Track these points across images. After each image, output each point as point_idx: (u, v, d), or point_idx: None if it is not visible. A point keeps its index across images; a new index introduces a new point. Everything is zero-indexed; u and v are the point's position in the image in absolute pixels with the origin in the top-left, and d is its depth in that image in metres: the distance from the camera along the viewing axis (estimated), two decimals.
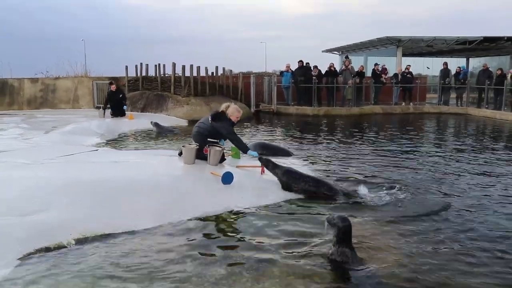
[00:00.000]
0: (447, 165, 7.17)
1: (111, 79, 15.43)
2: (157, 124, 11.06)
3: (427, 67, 23.78)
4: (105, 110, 12.67)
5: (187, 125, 12.82)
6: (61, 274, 3.17)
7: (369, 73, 18.41)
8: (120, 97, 12.71)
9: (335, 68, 17.19)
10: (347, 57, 18.07)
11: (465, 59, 24.37)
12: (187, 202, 4.56)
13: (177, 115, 13.83)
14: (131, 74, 16.38)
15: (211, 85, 15.74)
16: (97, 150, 7.51)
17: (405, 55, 20.78)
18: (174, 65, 14.97)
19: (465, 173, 6.59)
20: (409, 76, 17.61)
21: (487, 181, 6.13)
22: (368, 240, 3.86)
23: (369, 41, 20.17)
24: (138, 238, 3.83)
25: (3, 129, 10.27)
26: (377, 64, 17.74)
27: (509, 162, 7.48)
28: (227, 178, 5.01)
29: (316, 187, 5.19)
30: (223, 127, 5.77)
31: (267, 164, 5.46)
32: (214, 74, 16.77)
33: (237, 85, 17.04)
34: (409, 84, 17.60)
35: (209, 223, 4.26)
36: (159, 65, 15.80)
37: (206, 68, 15.91)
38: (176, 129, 11.49)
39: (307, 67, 16.85)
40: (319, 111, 16.17)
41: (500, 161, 7.54)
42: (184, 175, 5.43)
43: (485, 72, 16.66)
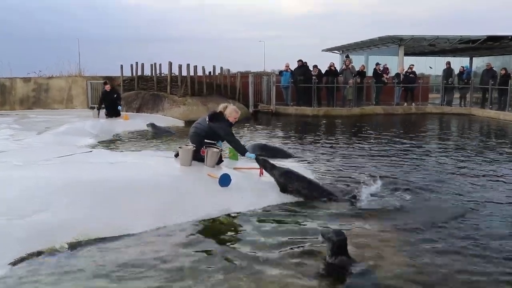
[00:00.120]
0: (451, 166, 7.20)
1: (105, 78, 15.44)
2: (152, 124, 11.07)
3: (430, 66, 23.80)
4: (99, 110, 12.65)
5: (183, 125, 12.82)
6: (60, 275, 3.19)
7: (370, 73, 18.46)
8: (114, 97, 12.71)
9: (335, 67, 17.22)
10: (347, 56, 18.12)
11: (468, 58, 24.42)
12: (185, 204, 4.58)
13: (174, 116, 13.83)
14: (126, 73, 16.38)
15: (208, 85, 15.74)
16: (91, 151, 7.52)
17: (407, 54, 20.82)
18: (170, 64, 14.97)
19: (470, 174, 6.62)
20: (412, 76, 17.65)
21: (493, 182, 6.16)
22: (368, 245, 3.87)
23: (370, 40, 20.20)
24: (136, 239, 3.85)
25: None
26: (378, 63, 17.77)
27: None
28: (225, 180, 5.02)
29: (312, 190, 5.21)
30: (221, 128, 5.79)
31: (265, 164, 5.47)
32: (211, 73, 16.76)
33: (235, 85, 17.06)
34: (411, 84, 17.64)
35: (207, 226, 4.28)
36: (155, 64, 15.80)
37: (203, 67, 15.93)
38: (171, 130, 11.49)
39: (307, 66, 16.89)
40: (319, 111, 16.19)
41: (505, 163, 7.57)
42: (181, 177, 5.44)
43: (489, 71, 16.72)
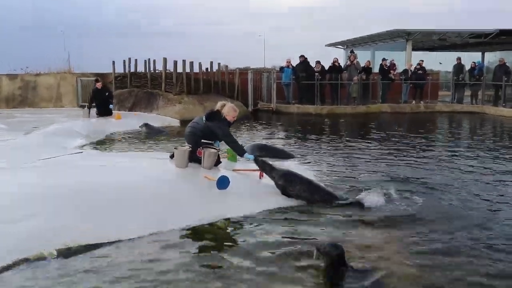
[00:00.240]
0: (462, 168, 7.18)
1: (96, 75, 15.43)
2: (146, 124, 11.08)
3: (439, 62, 23.83)
4: (90, 109, 12.65)
5: (179, 125, 12.81)
6: (49, 282, 3.17)
7: (376, 69, 18.47)
8: (106, 95, 12.71)
9: (339, 63, 17.24)
10: (352, 52, 18.13)
11: (480, 53, 24.44)
12: (181, 208, 4.56)
13: (169, 115, 13.82)
14: (119, 70, 16.39)
15: (205, 82, 15.74)
16: (81, 152, 7.51)
17: (415, 49, 20.85)
18: (165, 60, 14.96)
19: (483, 177, 6.60)
20: (421, 72, 17.62)
21: (505, 184, 6.16)
22: (373, 249, 3.87)
23: (376, 34, 20.23)
24: (126, 248, 3.83)
25: None
26: (385, 59, 17.77)
27: None
28: (223, 182, 5.01)
29: (314, 193, 5.20)
30: (219, 128, 5.79)
31: (264, 166, 5.46)
32: (208, 70, 16.78)
33: (234, 82, 17.06)
34: (420, 80, 17.63)
35: (203, 232, 4.26)
36: (148, 60, 15.83)
37: (200, 63, 15.93)
38: (166, 130, 11.49)
39: (308, 62, 16.88)
40: (322, 110, 16.20)
41: None
42: (176, 179, 5.43)
43: (502, 67, 16.71)
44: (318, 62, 16.92)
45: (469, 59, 19.93)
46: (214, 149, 5.83)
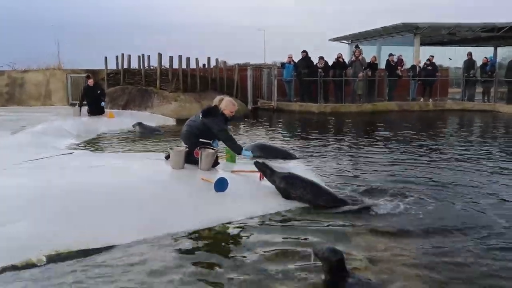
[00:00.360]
0: (472, 170, 7.18)
1: (88, 72, 15.44)
2: (140, 123, 11.08)
3: (449, 58, 23.84)
4: (81, 107, 12.68)
5: (175, 124, 12.83)
6: None
7: (382, 65, 18.47)
8: (98, 92, 12.72)
9: (343, 59, 17.24)
10: (357, 47, 18.12)
11: (492, 48, 24.44)
12: (177, 212, 4.56)
13: (164, 113, 13.84)
14: (111, 66, 16.39)
15: (202, 78, 15.75)
16: (72, 153, 7.51)
17: (423, 44, 20.84)
18: (160, 56, 14.98)
19: (494, 179, 6.59)
20: (430, 68, 17.60)
21: None
22: (378, 257, 3.86)
23: (382, 28, 20.23)
24: (119, 254, 3.82)
25: None
26: (391, 54, 17.78)
27: None
28: (221, 185, 5.01)
29: (317, 196, 5.19)
30: (215, 123, 5.78)
31: (264, 169, 5.45)
32: (206, 66, 16.80)
33: (232, 79, 17.07)
34: (430, 77, 17.59)
35: (200, 237, 4.26)
36: (142, 56, 15.83)
37: (196, 59, 15.96)
38: (160, 129, 11.49)
39: (310, 58, 16.90)
40: (325, 108, 16.20)
41: None
42: (172, 181, 5.43)
43: None
44: (321, 57, 16.91)
45: (481, 54, 19.94)
46: (212, 149, 5.83)
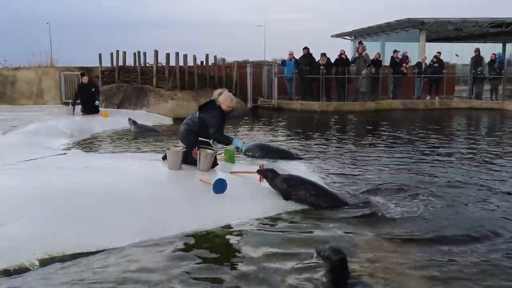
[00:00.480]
0: (481, 171, 7.18)
1: (82, 69, 15.43)
2: (135, 122, 11.08)
3: (456, 54, 23.87)
4: (74, 106, 12.65)
5: (172, 123, 12.83)
6: None
7: (386, 62, 18.48)
8: (92, 91, 12.70)
9: (346, 56, 17.24)
10: (360, 43, 18.13)
11: (501, 44, 24.47)
12: (174, 214, 4.57)
13: (160, 112, 13.84)
14: (106, 63, 16.38)
15: (200, 76, 15.75)
16: (65, 153, 7.52)
17: (429, 40, 20.87)
18: (156, 53, 14.98)
19: (503, 180, 6.60)
20: (437, 65, 17.56)
21: None
22: (381, 260, 3.87)
23: (386, 24, 20.26)
24: (114, 257, 3.83)
25: None
26: (396, 51, 17.77)
27: None
28: (220, 186, 5.02)
29: (320, 198, 5.20)
30: (210, 116, 5.78)
31: (266, 173, 5.44)
32: (204, 63, 16.80)
33: (231, 77, 17.07)
34: (436, 74, 17.55)
35: (198, 240, 4.26)
36: (138, 53, 15.80)
37: (194, 56, 15.95)
38: (157, 129, 11.50)
39: (312, 54, 16.92)
40: (327, 106, 16.21)
41: None
42: (169, 182, 5.44)
43: None
44: (323, 54, 16.90)
45: (489, 50, 19.97)
46: (210, 149, 5.83)
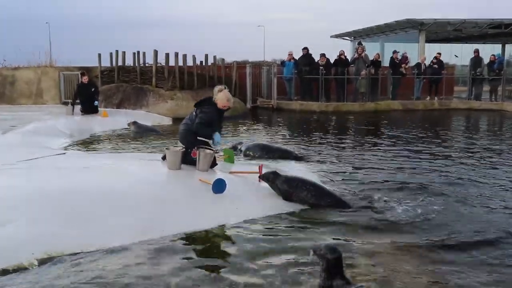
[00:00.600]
0: (482, 172, 7.17)
1: (81, 69, 15.43)
2: (135, 122, 11.09)
3: (455, 55, 23.89)
4: (74, 106, 12.65)
5: (171, 123, 12.82)
6: None
7: (386, 62, 18.49)
8: (92, 91, 12.71)
9: (346, 56, 17.25)
10: (360, 44, 18.14)
11: (500, 45, 24.49)
12: (173, 214, 4.57)
13: (160, 112, 13.84)
14: (105, 63, 16.38)
15: (199, 76, 15.76)
16: (64, 153, 7.51)
17: (428, 41, 20.88)
18: (156, 53, 14.98)
19: (503, 180, 6.61)
20: (436, 66, 17.56)
21: None
22: (379, 260, 3.87)
23: (386, 24, 20.27)
24: (114, 257, 3.82)
25: None
26: (396, 51, 17.78)
27: None
28: (219, 186, 5.02)
29: (320, 198, 5.20)
30: (205, 112, 5.78)
31: (268, 177, 5.43)
32: (203, 63, 16.79)
33: (231, 77, 17.07)
34: (436, 75, 17.55)
35: (197, 240, 4.26)
36: (138, 53, 15.81)
37: (193, 56, 15.95)
38: (156, 129, 11.50)
39: (311, 55, 16.92)
40: (327, 107, 16.22)
41: None
42: (168, 182, 5.44)
43: None
44: (322, 55, 16.91)
45: (488, 51, 19.98)
46: (210, 149, 5.83)
